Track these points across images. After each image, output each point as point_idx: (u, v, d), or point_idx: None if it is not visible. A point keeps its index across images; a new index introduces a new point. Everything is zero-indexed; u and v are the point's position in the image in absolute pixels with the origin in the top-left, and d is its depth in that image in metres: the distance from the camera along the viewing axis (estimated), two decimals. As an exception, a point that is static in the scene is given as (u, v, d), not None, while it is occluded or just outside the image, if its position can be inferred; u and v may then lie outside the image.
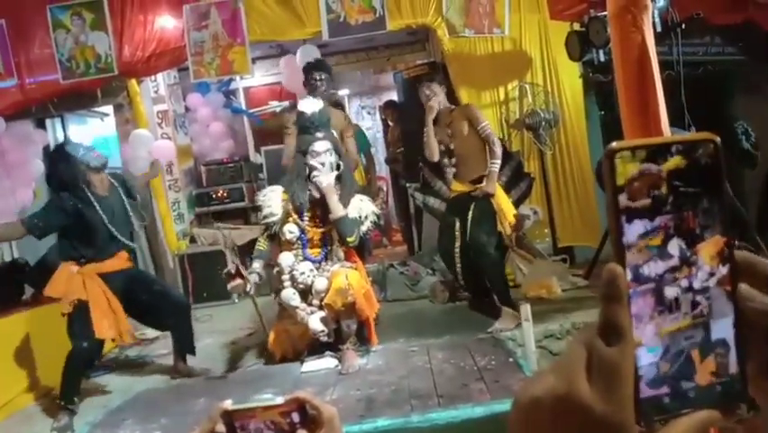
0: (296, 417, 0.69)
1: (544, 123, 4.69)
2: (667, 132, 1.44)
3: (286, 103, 6.62)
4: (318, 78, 4.03)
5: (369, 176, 5.74)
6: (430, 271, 4.82)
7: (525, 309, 2.94)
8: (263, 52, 5.77)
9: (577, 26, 4.20)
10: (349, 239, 3.14)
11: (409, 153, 5.36)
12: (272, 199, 3.26)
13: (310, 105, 3.22)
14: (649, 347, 0.34)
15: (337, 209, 3.12)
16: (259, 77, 6.53)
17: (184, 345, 3.57)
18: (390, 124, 6.35)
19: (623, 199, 0.34)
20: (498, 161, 3.73)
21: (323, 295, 3.12)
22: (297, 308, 3.15)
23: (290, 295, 3.15)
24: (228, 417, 0.68)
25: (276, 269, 3.27)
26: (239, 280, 3.12)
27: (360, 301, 3.08)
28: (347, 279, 3.06)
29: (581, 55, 4.17)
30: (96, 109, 6.17)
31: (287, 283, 3.17)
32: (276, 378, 3.20)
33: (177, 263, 5.35)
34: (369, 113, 8.54)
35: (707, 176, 0.34)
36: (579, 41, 4.08)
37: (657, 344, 0.34)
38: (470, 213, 3.75)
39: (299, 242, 3.19)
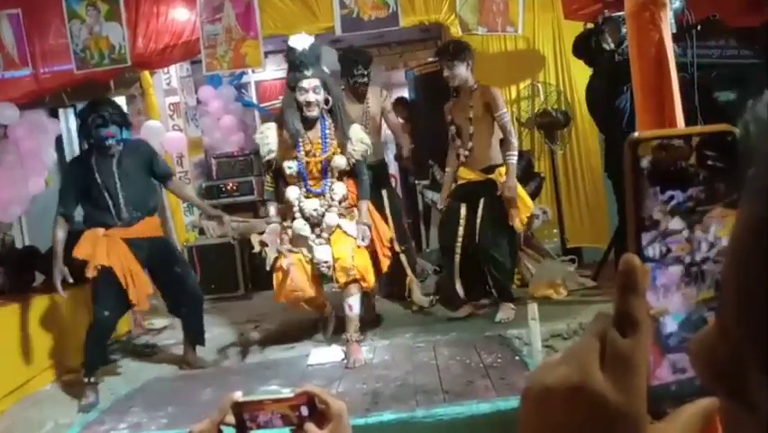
0: (304, 410, 0.70)
1: (555, 122, 4.68)
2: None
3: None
4: (359, 72, 3.97)
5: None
6: (437, 268, 4.82)
7: (533, 308, 2.94)
8: (275, 47, 5.77)
9: (591, 26, 4.19)
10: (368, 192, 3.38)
11: (419, 151, 5.35)
12: (269, 136, 3.31)
13: (300, 42, 3.23)
14: (674, 315, 0.36)
15: (359, 216, 3.29)
16: (270, 71, 6.54)
17: (194, 335, 3.59)
18: (401, 121, 6.33)
19: (652, 169, 0.34)
20: (516, 153, 3.57)
21: (333, 229, 3.25)
22: (307, 238, 3.25)
23: (301, 225, 3.26)
24: (238, 408, 0.69)
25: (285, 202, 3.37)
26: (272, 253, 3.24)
27: (364, 278, 3.22)
28: (353, 259, 3.16)
29: None
30: (109, 100, 6.20)
31: (297, 215, 3.28)
32: (282, 370, 3.21)
33: (185, 255, 5.38)
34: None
35: (728, 160, 0.35)
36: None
37: (682, 312, 0.36)
38: (480, 207, 3.63)
39: (300, 175, 3.27)
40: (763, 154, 0.26)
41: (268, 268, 3.33)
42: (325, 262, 3.21)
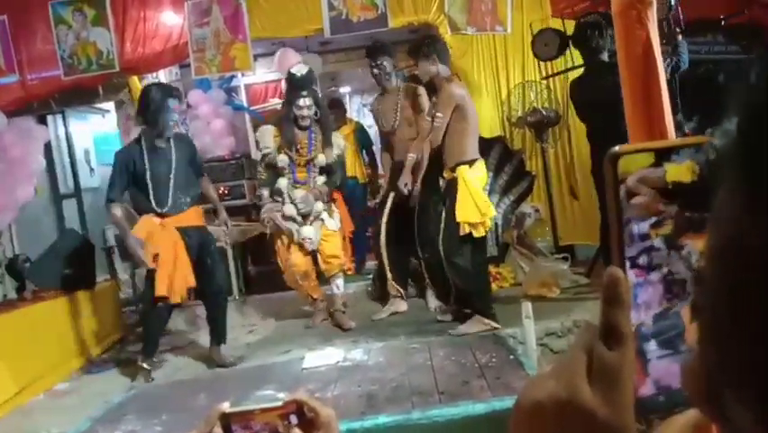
0: (293, 419, 0.69)
1: (545, 121, 4.69)
2: (671, 130, 1.45)
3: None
4: (374, 64, 4.06)
5: (369, 172, 5.73)
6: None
7: (527, 307, 2.95)
8: (265, 49, 5.76)
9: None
10: (338, 184, 4.14)
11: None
12: (266, 136, 4.03)
13: (299, 69, 4.01)
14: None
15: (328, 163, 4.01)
16: (260, 74, 6.52)
17: (215, 332, 3.67)
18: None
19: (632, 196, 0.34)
20: (414, 154, 3.77)
21: (317, 213, 3.95)
22: (294, 219, 3.91)
23: (291, 209, 3.93)
24: (226, 419, 0.68)
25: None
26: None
27: (350, 268, 4.27)
28: (338, 249, 4.02)
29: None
30: (98, 106, 6.17)
31: (287, 200, 3.94)
32: (277, 374, 3.20)
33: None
34: (370, 110, 8.52)
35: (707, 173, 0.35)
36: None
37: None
38: (445, 206, 3.49)
39: (289, 168, 3.97)
40: (722, 184, 0.27)
41: (269, 233, 4.03)
42: (309, 238, 3.91)
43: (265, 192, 4.07)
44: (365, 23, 4.41)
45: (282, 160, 3.96)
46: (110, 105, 5.86)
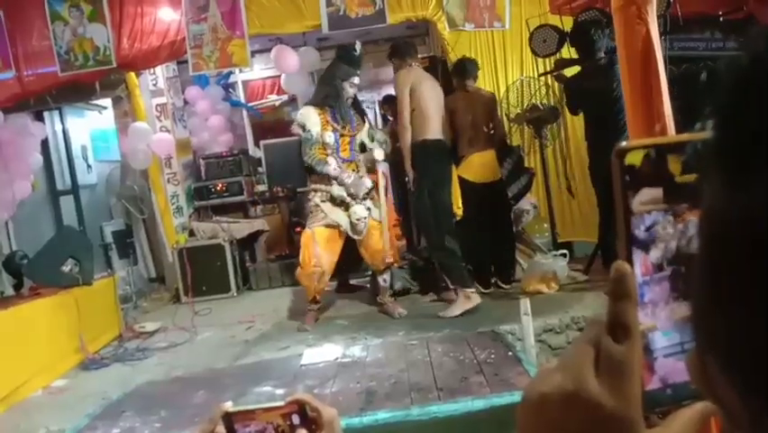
0: (296, 418, 0.69)
1: (544, 117, 4.68)
2: (671, 126, 1.45)
3: (285, 96, 6.62)
4: None
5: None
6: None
7: (525, 304, 2.95)
8: (262, 45, 5.75)
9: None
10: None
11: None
12: (310, 117, 3.94)
13: (358, 47, 4.11)
14: (663, 331, 0.35)
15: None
16: (258, 70, 6.51)
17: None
18: (390, 118, 6.33)
19: (638, 198, 0.34)
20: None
21: (366, 190, 3.94)
22: (344, 200, 3.88)
23: (341, 190, 3.90)
24: (228, 418, 0.69)
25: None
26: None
27: (396, 260, 4.16)
28: (383, 243, 3.93)
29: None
30: (95, 102, 6.16)
31: (334, 182, 3.89)
32: (275, 371, 3.20)
33: (176, 257, 5.35)
34: (368, 107, 8.51)
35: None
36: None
37: (671, 328, 0.36)
38: None
39: (334, 145, 3.94)
40: (704, 171, 0.27)
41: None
42: (364, 217, 3.88)
43: (332, 161, 3.91)
44: (363, 19, 4.40)
45: (330, 136, 3.94)
46: (107, 102, 5.85)
